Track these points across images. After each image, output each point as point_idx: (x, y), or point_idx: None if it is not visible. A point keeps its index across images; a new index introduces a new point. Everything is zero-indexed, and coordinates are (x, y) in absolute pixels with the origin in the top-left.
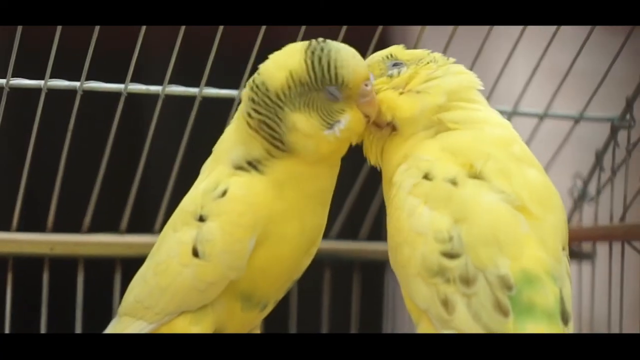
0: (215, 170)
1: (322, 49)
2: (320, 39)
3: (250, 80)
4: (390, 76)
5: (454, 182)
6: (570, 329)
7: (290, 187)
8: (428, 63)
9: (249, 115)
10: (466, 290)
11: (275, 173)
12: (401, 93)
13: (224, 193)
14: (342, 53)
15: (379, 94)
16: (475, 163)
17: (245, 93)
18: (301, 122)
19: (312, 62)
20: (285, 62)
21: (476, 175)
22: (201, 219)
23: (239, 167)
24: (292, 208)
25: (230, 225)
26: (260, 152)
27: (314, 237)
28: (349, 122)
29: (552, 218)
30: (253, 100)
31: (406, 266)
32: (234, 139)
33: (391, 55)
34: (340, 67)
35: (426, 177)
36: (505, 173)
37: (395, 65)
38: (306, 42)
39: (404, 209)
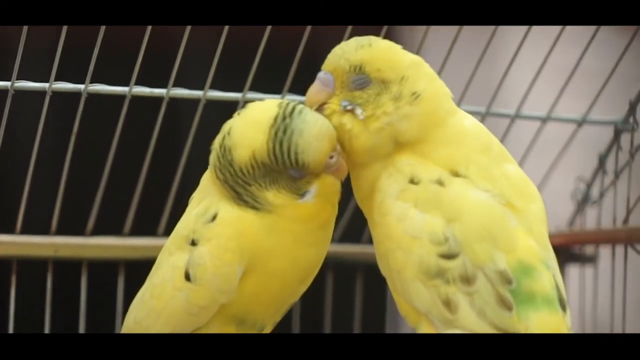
0: (208, 195)
1: (284, 130)
2: (289, 110)
3: (221, 135)
4: (352, 91)
5: (440, 183)
6: (568, 317)
7: (281, 228)
8: (391, 100)
9: (215, 171)
10: (467, 289)
11: (264, 213)
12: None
13: (214, 217)
14: (305, 135)
15: (333, 116)
16: (458, 169)
17: (214, 145)
18: (272, 198)
19: (274, 146)
20: (251, 139)
21: (460, 176)
22: (193, 243)
23: (232, 198)
24: (283, 246)
25: (219, 249)
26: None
27: (308, 271)
28: (318, 189)
29: (534, 207)
30: (219, 161)
31: (401, 271)
32: (208, 183)
33: (359, 69)
34: (301, 152)
35: (412, 181)
36: (487, 176)
37: (358, 80)
38: (274, 113)
39: (393, 215)
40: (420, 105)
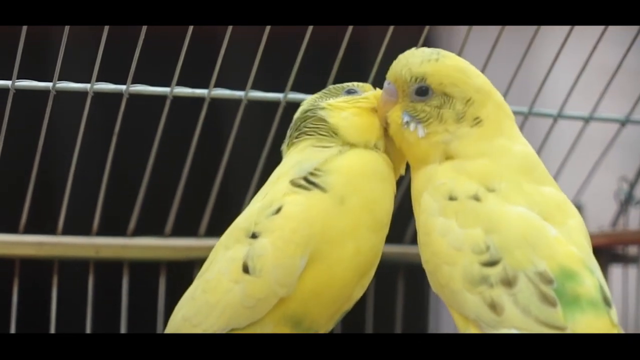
0: (273, 190)
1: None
2: None
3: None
4: (413, 102)
5: (477, 199)
6: (614, 312)
7: (353, 199)
8: (454, 118)
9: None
10: (510, 291)
11: (339, 185)
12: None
13: (278, 210)
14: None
15: (394, 126)
16: (491, 183)
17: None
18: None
19: None
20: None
21: (493, 191)
22: (254, 235)
23: (299, 185)
24: (350, 225)
25: (282, 241)
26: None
27: (368, 262)
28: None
29: (573, 222)
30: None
31: (448, 284)
32: (295, 159)
33: (421, 79)
34: None
35: (450, 198)
36: (520, 192)
37: (420, 89)
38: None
39: (437, 231)
40: (479, 130)
